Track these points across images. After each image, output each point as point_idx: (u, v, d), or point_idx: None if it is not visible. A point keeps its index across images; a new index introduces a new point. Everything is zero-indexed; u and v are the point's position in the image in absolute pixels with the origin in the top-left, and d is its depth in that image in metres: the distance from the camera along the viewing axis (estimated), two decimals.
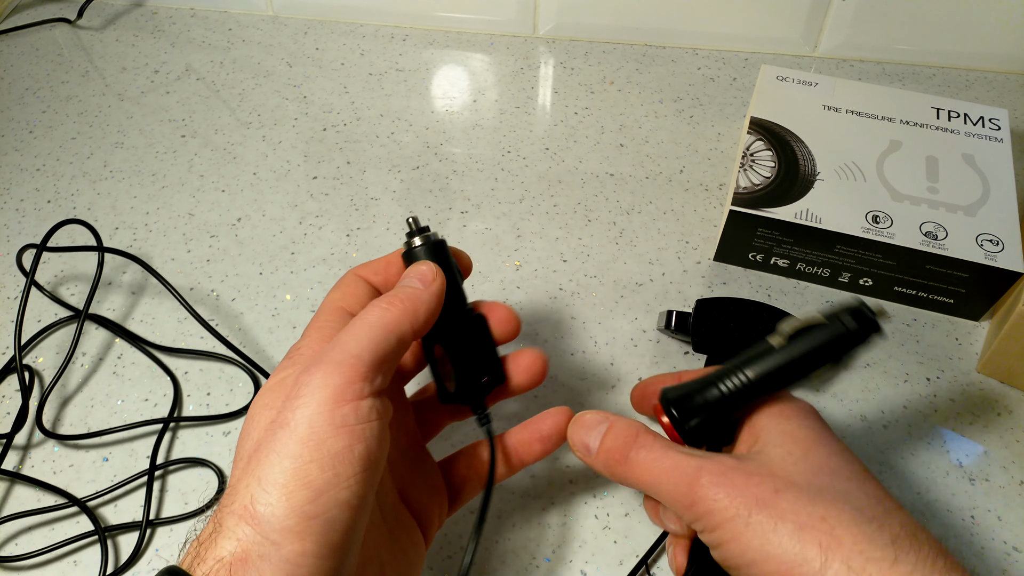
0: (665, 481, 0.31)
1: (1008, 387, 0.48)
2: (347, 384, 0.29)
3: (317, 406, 0.28)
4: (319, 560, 0.26)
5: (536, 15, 0.69)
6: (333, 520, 0.27)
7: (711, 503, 0.30)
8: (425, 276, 0.34)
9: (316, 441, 0.27)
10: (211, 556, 0.26)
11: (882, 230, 0.49)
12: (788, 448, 0.31)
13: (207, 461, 0.44)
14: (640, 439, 0.33)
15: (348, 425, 0.28)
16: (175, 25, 0.72)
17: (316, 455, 0.27)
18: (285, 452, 0.27)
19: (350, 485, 0.27)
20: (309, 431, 0.27)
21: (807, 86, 0.58)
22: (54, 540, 0.41)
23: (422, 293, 0.33)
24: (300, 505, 0.26)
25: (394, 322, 0.31)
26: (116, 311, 0.51)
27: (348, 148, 0.61)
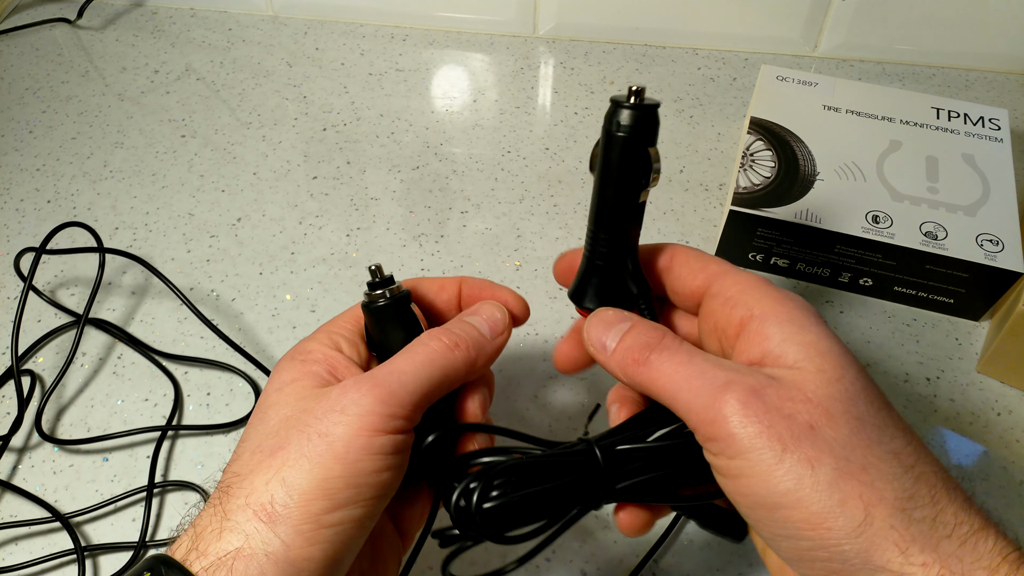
0: (687, 389, 0.28)
1: (1008, 387, 0.48)
2: (391, 416, 0.29)
3: (359, 428, 0.28)
4: (321, 568, 0.27)
5: (536, 15, 0.69)
6: (343, 533, 0.27)
7: (737, 427, 0.26)
8: (496, 326, 0.33)
9: (349, 460, 0.28)
10: (213, 551, 0.26)
11: (882, 230, 0.49)
12: (817, 364, 0.27)
13: (196, 486, 0.43)
14: (665, 341, 0.30)
15: (382, 454, 0.28)
16: (175, 25, 0.72)
17: (345, 472, 0.28)
18: (317, 462, 0.27)
19: (367, 505, 0.28)
20: (346, 449, 0.28)
21: (807, 86, 0.58)
22: (36, 555, 0.40)
23: (487, 344, 0.33)
24: (317, 514, 0.27)
25: (453, 367, 0.31)
26: (116, 311, 0.51)
27: (348, 148, 0.61)
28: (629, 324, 0.31)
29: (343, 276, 0.53)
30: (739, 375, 0.27)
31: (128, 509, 0.43)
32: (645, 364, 0.29)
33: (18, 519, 0.42)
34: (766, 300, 0.29)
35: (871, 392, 0.27)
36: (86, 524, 0.42)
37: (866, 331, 0.50)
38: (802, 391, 0.26)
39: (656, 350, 0.29)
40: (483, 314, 0.34)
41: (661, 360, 0.29)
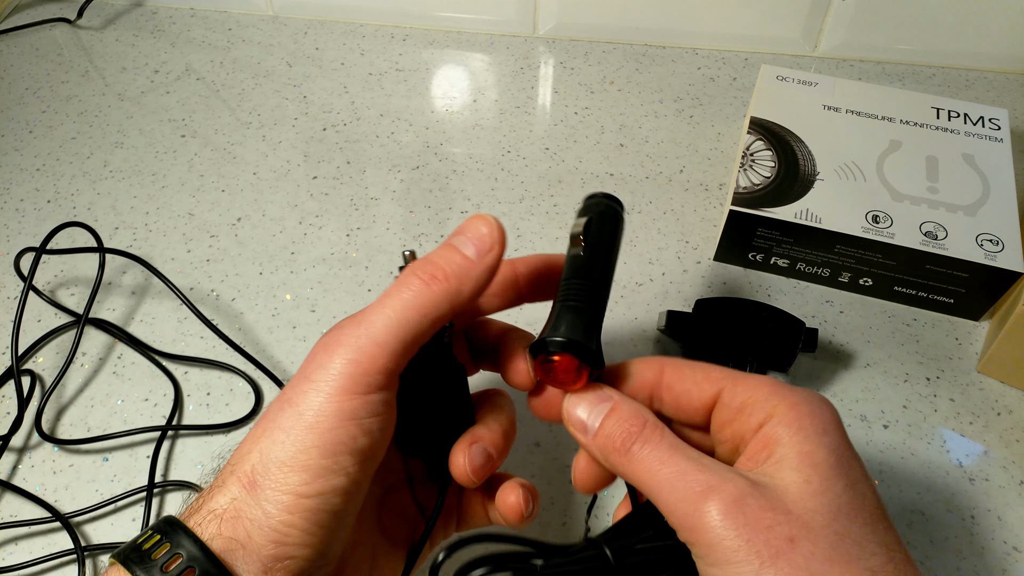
0: (668, 490, 0.27)
1: (1008, 387, 0.48)
2: (363, 375, 0.28)
3: (328, 395, 0.28)
4: (306, 535, 0.27)
5: (536, 15, 0.69)
6: (325, 503, 0.27)
7: (718, 538, 0.25)
8: (482, 243, 0.30)
9: (321, 430, 0.27)
10: (206, 508, 0.28)
11: (882, 230, 0.49)
12: (806, 475, 0.27)
13: (195, 485, 0.43)
14: (646, 432, 0.29)
15: (356, 419, 0.28)
16: (175, 25, 0.72)
17: (319, 441, 0.27)
18: (290, 432, 0.27)
19: (348, 473, 0.28)
20: (316, 419, 0.27)
21: (807, 86, 0.58)
22: (36, 555, 0.41)
23: (472, 267, 0.29)
24: (295, 485, 0.27)
25: (431, 303, 0.29)
26: (116, 311, 0.51)
27: (348, 148, 0.61)
28: (610, 405, 0.30)
29: (343, 276, 0.53)
30: (721, 480, 0.26)
31: (128, 509, 0.43)
32: (626, 455, 0.28)
33: (18, 519, 0.42)
34: (782, 404, 0.28)
35: (857, 505, 0.26)
36: (86, 524, 0.42)
37: (866, 331, 0.50)
38: (783, 502, 0.26)
39: (638, 441, 0.28)
40: (468, 231, 0.30)
41: (643, 454, 0.28)
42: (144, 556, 0.27)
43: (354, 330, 0.28)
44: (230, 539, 0.27)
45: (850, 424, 0.46)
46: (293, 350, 0.49)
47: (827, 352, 0.49)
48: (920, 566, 0.40)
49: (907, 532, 0.42)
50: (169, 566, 0.26)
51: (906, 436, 0.45)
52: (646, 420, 0.29)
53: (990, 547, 0.41)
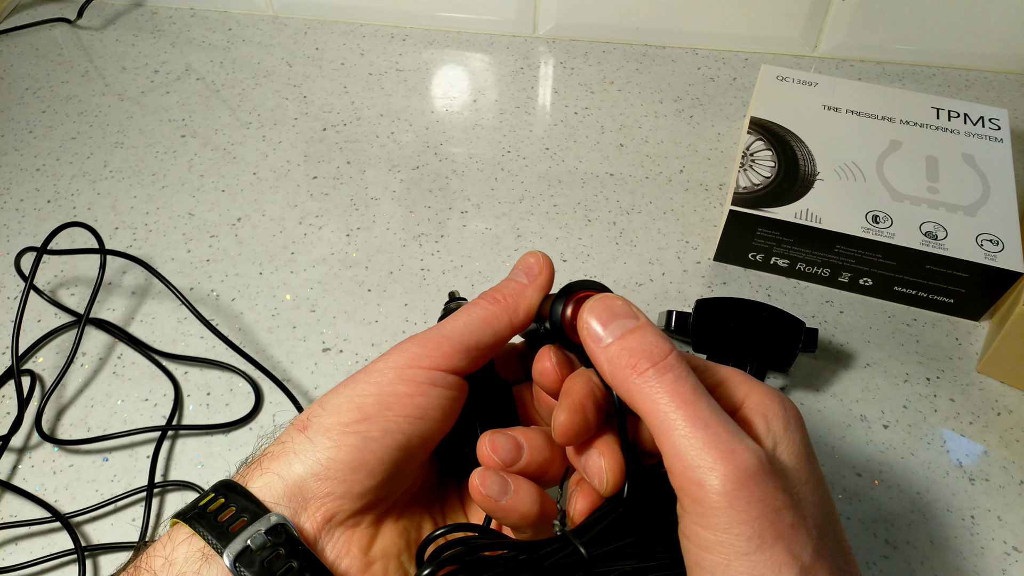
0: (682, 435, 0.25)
1: (1008, 387, 0.48)
2: (427, 354, 0.31)
3: (394, 362, 0.30)
4: (347, 470, 0.28)
5: (536, 15, 0.69)
6: (371, 441, 0.29)
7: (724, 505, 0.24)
8: (532, 269, 0.34)
9: (382, 383, 0.30)
10: (256, 462, 0.29)
11: (882, 230, 0.49)
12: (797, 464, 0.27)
13: (195, 486, 0.43)
14: (671, 359, 0.27)
15: (415, 380, 0.30)
16: (175, 25, 0.72)
17: (377, 391, 0.30)
18: (353, 386, 0.30)
19: (398, 421, 0.29)
20: (380, 376, 0.30)
21: (807, 86, 0.58)
22: (36, 555, 0.41)
23: (525, 289, 0.33)
24: (346, 421, 0.29)
25: (493, 318, 0.32)
26: (116, 311, 0.51)
27: (348, 148, 0.61)
28: (635, 323, 0.28)
29: (343, 276, 0.53)
30: (744, 446, 0.25)
31: (128, 509, 0.43)
32: (641, 376, 0.26)
33: (18, 519, 0.42)
34: (755, 392, 0.28)
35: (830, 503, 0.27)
36: (86, 524, 0.42)
37: (866, 331, 0.50)
38: (794, 486, 0.26)
39: (659, 367, 0.26)
40: (520, 265, 0.34)
41: (663, 380, 0.26)
42: (202, 511, 0.28)
43: (427, 330, 0.32)
44: (272, 475, 0.28)
45: (850, 424, 0.46)
46: (293, 350, 0.49)
47: (827, 352, 0.49)
48: (920, 566, 0.40)
49: (907, 532, 0.42)
50: (223, 516, 0.27)
51: (906, 436, 0.45)
52: (672, 349, 0.27)
53: (990, 547, 0.41)
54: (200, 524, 0.27)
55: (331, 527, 0.29)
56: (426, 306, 0.51)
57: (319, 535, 0.28)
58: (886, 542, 0.41)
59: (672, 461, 0.25)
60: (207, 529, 0.27)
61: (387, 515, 0.31)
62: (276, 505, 0.28)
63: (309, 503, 0.28)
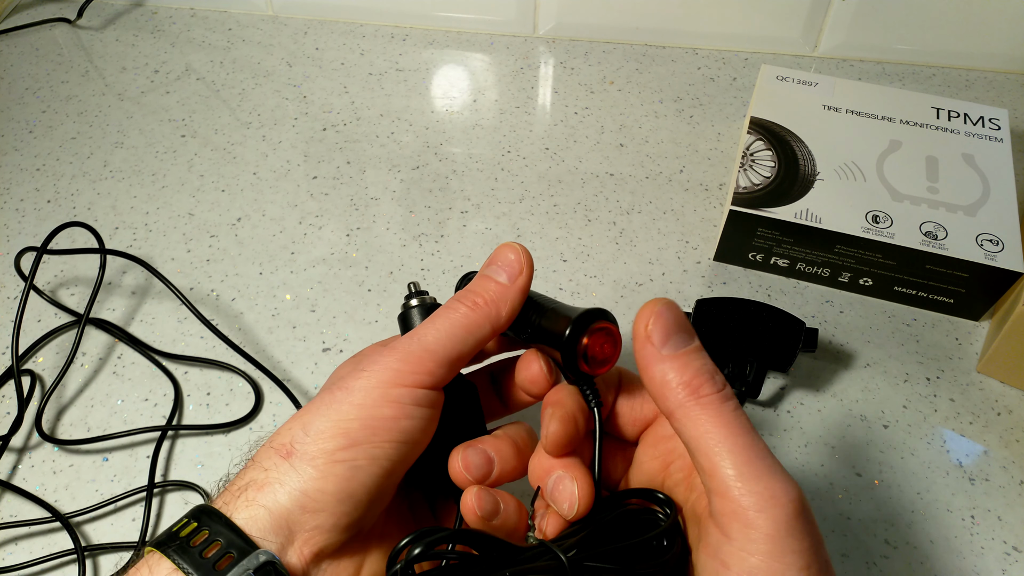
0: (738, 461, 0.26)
1: (1008, 387, 0.48)
2: (410, 372, 0.30)
3: (377, 381, 0.29)
4: (335, 501, 0.28)
5: (536, 15, 0.69)
6: (358, 469, 0.28)
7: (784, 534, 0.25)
8: (512, 267, 0.32)
9: (366, 406, 0.29)
10: (236, 486, 0.29)
11: (882, 230, 0.49)
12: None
13: (196, 486, 0.43)
14: (727, 391, 0.27)
15: (400, 402, 0.29)
16: (175, 25, 0.72)
17: (361, 415, 0.29)
18: (335, 409, 0.29)
19: (384, 446, 0.29)
20: (363, 398, 0.29)
21: (807, 86, 0.58)
22: (36, 555, 0.41)
23: (506, 291, 0.32)
24: (332, 450, 0.28)
25: (475, 325, 0.31)
26: (116, 311, 0.51)
27: (348, 148, 0.61)
28: (694, 343, 0.28)
29: (343, 276, 0.53)
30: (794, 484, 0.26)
31: (128, 509, 0.43)
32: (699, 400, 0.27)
33: (18, 519, 0.42)
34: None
35: None
36: (86, 524, 0.42)
37: (866, 331, 0.50)
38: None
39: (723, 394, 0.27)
40: (498, 260, 0.33)
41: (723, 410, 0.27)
42: (183, 544, 0.27)
43: (407, 340, 0.31)
44: (258, 507, 0.27)
45: (850, 424, 0.46)
46: (293, 350, 0.49)
47: (827, 352, 0.49)
48: (920, 566, 0.40)
49: (907, 532, 0.42)
50: (208, 552, 0.27)
51: (906, 436, 0.45)
52: (727, 383, 0.28)
53: (990, 547, 0.41)
54: (183, 559, 0.26)
55: (319, 560, 0.28)
56: None
57: (308, 571, 0.28)
58: (886, 542, 0.41)
59: (725, 488, 0.26)
60: (192, 566, 0.26)
61: (369, 541, 0.30)
62: (263, 540, 0.27)
63: (296, 536, 0.27)
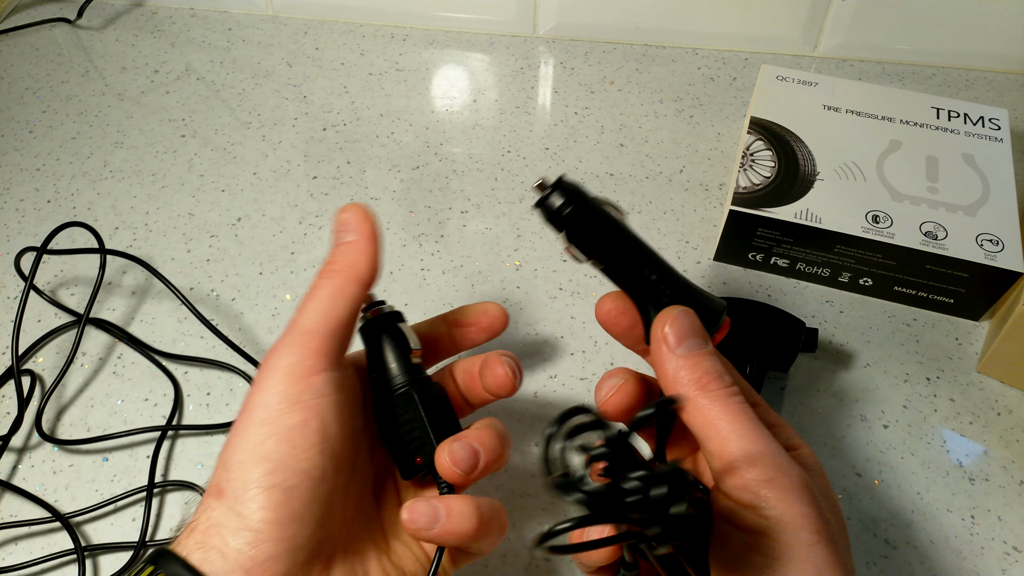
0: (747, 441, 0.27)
1: (1008, 387, 0.48)
2: (299, 362, 0.30)
3: (272, 387, 0.29)
4: (279, 528, 0.28)
5: (536, 15, 0.69)
6: (292, 489, 0.28)
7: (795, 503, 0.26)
8: (348, 224, 0.33)
9: (271, 419, 0.29)
10: (189, 528, 0.29)
11: (882, 230, 0.49)
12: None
13: (195, 485, 0.43)
14: (735, 387, 0.29)
15: (302, 401, 0.29)
16: (175, 25, 0.72)
17: (272, 431, 0.29)
18: (245, 435, 0.29)
19: (308, 457, 0.29)
20: (265, 412, 0.29)
21: (807, 86, 0.58)
22: (36, 555, 0.41)
23: (356, 244, 0.32)
24: (258, 477, 0.28)
25: (338, 288, 0.31)
26: (116, 311, 0.51)
27: (348, 148, 0.61)
28: (707, 347, 0.30)
29: None
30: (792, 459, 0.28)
31: (128, 509, 0.43)
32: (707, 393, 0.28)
33: (18, 519, 0.42)
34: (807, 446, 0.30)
35: None
36: (86, 524, 0.42)
37: (866, 331, 0.50)
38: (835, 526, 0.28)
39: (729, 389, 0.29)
40: (338, 224, 0.33)
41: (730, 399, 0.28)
42: None
43: (284, 334, 0.31)
44: (210, 550, 0.27)
45: (850, 424, 0.46)
46: None
47: (827, 352, 0.49)
48: (920, 566, 0.40)
49: (907, 532, 0.42)
50: None
51: (906, 436, 0.45)
52: (735, 383, 0.30)
53: (990, 547, 0.41)
54: None
55: None
56: (426, 306, 0.51)
57: None
58: (886, 542, 0.41)
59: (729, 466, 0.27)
60: None
61: (334, 556, 0.30)
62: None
63: (254, 573, 0.27)
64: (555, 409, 0.46)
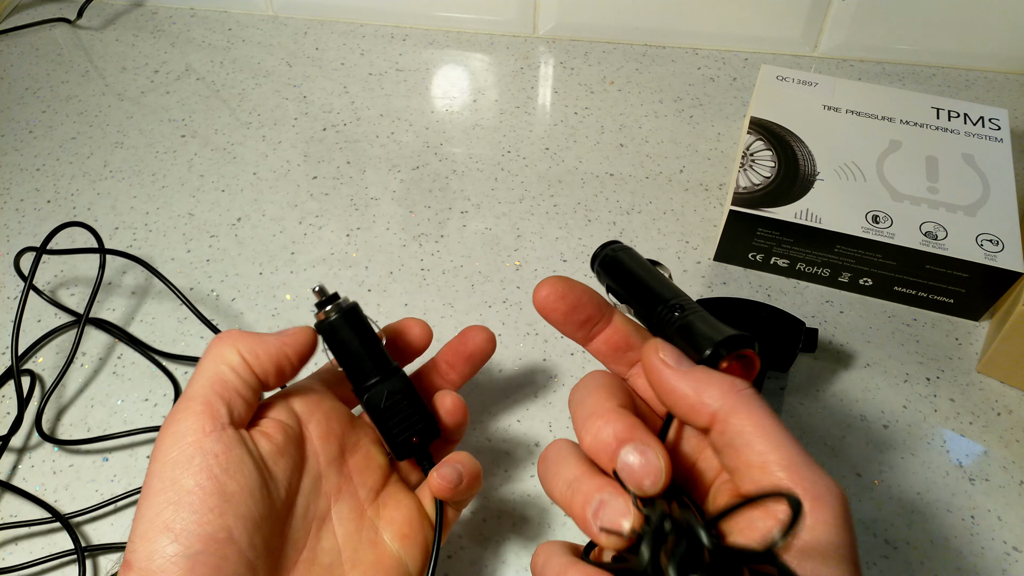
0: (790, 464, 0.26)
1: (1008, 387, 0.48)
2: (187, 427, 0.30)
3: (163, 454, 0.30)
4: None
5: (536, 15, 0.69)
6: (198, 555, 0.28)
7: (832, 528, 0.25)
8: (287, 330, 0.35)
9: (165, 485, 0.29)
10: None
11: (882, 230, 0.49)
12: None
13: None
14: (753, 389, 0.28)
15: (194, 464, 0.29)
16: (175, 25, 0.72)
17: (169, 498, 0.28)
18: (145, 506, 0.29)
19: (209, 520, 0.28)
20: (159, 480, 0.29)
21: (807, 86, 0.58)
22: (36, 555, 0.41)
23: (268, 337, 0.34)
24: (162, 547, 0.28)
25: (223, 352, 0.32)
26: (116, 311, 0.51)
27: (348, 148, 0.61)
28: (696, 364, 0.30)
29: (343, 276, 0.53)
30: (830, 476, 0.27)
31: (128, 509, 0.43)
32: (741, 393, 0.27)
33: (18, 519, 0.42)
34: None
35: None
36: (86, 524, 0.42)
37: (866, 331, 0.50)
38: None
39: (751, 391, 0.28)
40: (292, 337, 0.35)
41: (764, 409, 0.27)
42: None
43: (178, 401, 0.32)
44: None
45: (850, 424, 0.46)
46: None
47: (827, 352, 0.49)
48: (920, 566, 0.40)
49: (907, 532, 0.42)
50: None
51: (906, 436, 0.45)
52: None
53: (990, 547, 0.41)
54: None
55: None
56: (426, 306, 0.51)
57: None
58: (886, 542, 0.41)
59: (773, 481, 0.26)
60: None
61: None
62: None
63: None
64: (555, 409, 0.46)
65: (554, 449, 0.30)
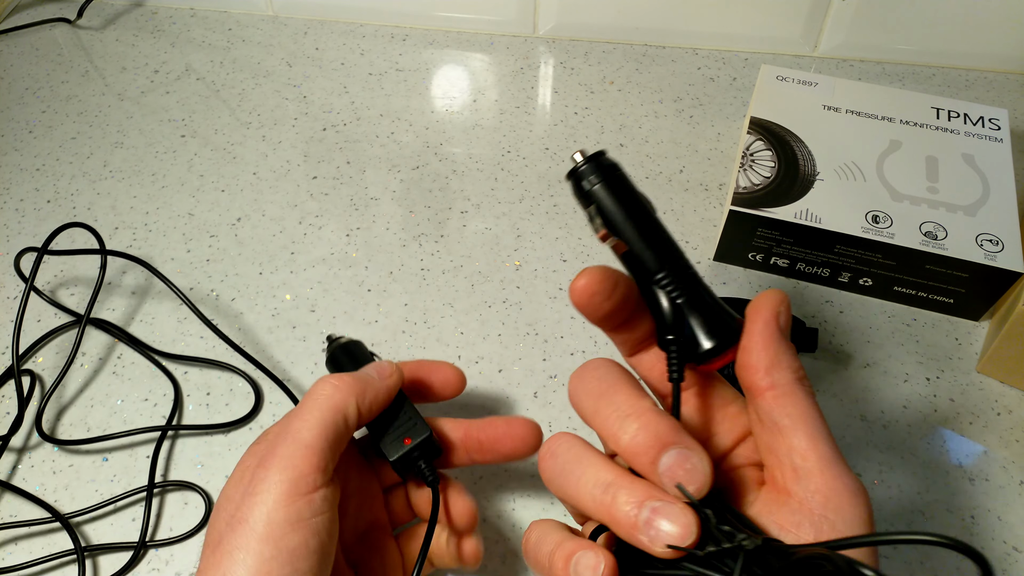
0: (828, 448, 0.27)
1: (1008, 387, 0.48)
2: (301, 478, 0.30)
3: (274, 503, 0.30)
4: None
5: (536, 15, 0.69)
6: None
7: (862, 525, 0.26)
8: (383, 369, 0.36)
9: (274, 538, 0.29)
10: None
11: (882, 230, 0.49)
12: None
13: (195, 486, 0.43)
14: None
15: (303, 520, 0.30)
16: (175, 25, 0.72)
17: (275, 552, 0.29)
18: (247, 549, 0.29)
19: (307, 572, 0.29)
20: (267, 529, 0.29)
21: (807, 86, 0.58)
22: (36, 555, 0.41)
23: (374, 381, 0.35)
24: None
25: (343, 402, 0.33)
26: (116, 311, 0.51)
27: (348, 148, 0.61)
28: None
29: (343, 276, 0.53)
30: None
31: (128, 509, 0.43)
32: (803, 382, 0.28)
33: (18, 519, 0.42)
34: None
35: None
36: (86, 524, 0.42)
37: (866, 331, 0.50)
38: None
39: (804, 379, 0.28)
40: (371, 366, 0.36)
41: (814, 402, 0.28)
42: None
43: (283, 441, 0.31)
44: None
45: (850, 424, 0.46)
46: (293, 350, 0.49)
47: (827, 352, 0.49)
48: (920, 566, 0.40)
49: None
50: None
51: (906, 436, 0.45)
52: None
53: (990, 547, 0.41)
54: None
55: None
56: (426, 306, 0.51)
57: None
58: None
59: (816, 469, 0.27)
60: None
61: None
62: None
63: None
64: (555, 409, 0.46)
65: (567, 446, 0.29)
